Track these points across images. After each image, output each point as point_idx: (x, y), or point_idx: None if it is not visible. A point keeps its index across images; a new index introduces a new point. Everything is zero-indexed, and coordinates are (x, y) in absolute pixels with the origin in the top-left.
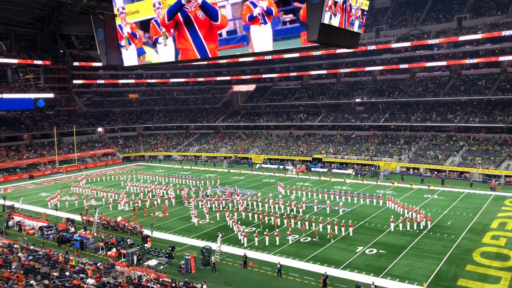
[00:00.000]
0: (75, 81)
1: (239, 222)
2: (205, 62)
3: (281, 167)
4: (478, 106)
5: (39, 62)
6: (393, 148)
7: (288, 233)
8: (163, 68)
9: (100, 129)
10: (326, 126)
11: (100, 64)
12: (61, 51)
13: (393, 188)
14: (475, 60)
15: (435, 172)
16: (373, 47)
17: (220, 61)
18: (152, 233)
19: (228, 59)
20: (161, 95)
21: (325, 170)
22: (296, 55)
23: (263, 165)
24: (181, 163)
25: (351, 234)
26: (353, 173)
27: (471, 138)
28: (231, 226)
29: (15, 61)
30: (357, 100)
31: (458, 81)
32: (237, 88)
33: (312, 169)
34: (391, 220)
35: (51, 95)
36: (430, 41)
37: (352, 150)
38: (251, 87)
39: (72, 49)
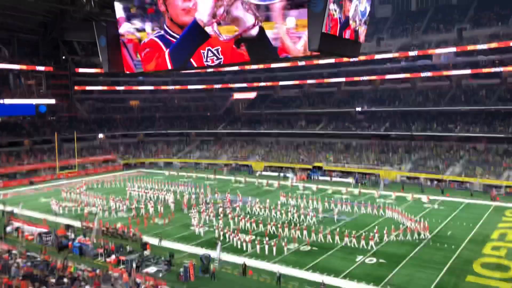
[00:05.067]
0: (76, 87)
1: (235, 231)
2: (205, 70)
3: (281, 174)
4: (479, 116)
5: (41, 68)
6: (393, 157)
7: (283, 244)
8: (165, 75)
9: (101, 135)
10: (326, 134)
11: (102, 70)
12: (63, 57)
13: (393, 197)
14: (475, 71)
15: (435, 182)
16: (374, 56)
17: (221, 69)
18: (160, 243)
19: (229, 66)
20: (163, 101)
21: (312, 177)
22: (297, 63)
23: (263, 173)
24: (181, 169)
25: (361, 245)
26: (354, 182)
27: (472, 148)
28: (223, 238)
29: (17, 66)
30: (357, 108)
31: (458, 91)
32: (238, 95)
33: (312, 177)
34: (386, 231)
35: (52, 101)
36: (430, 51)
37: (352, 159)
38: (252, 94)
39: (74, 55)
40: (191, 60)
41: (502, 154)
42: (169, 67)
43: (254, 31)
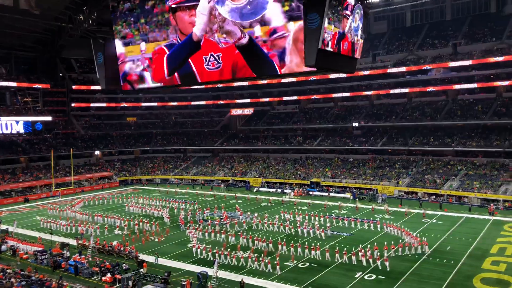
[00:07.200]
0: (73, 104)
1: (228, 249)
2: (203, 86)
3: (279, 190)
4: (475, 131)
5: (39, 85)
6: (390, 172)
7: (275, 262)
8: (162, 92)
9: (97, 152)
10: (324, 150)
11: (99, 87)
12: (61, 74)
13: (391, 212)
14: (470, 85)
15: (433, 196)
16: (370, 72)
17: (218, 85)
18: (156, 261)
19: (225, 83)
20: (160, 118)
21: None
22: (293, 79)
23: (261, 189)
24: (178, 186)
25: (356, 260)
26: (351, 197)
27: (469, 162)
28: (219, 260)
29: (14, 84)
30: (354, 124)
31: (454, 105)
32: (235, 111)
33: (310, 192)
34: (384, 247)
35: (49, 118)
36: (426, 66)
37: (349, 174)
38: (249, 110)
39: (72, 72)
40: (190, 62)
41: (499, 168)
42: (165, 68)
43: (244, 40)
